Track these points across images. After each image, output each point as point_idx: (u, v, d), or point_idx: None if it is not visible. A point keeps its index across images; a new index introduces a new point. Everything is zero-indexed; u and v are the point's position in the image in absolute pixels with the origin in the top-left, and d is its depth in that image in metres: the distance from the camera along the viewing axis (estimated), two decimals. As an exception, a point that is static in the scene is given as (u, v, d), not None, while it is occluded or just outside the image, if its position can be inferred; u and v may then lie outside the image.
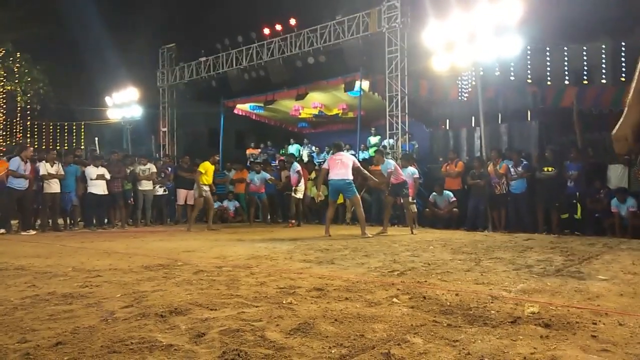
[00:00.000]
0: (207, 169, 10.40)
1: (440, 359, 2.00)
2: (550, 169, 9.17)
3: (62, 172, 10.12)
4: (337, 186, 8.46)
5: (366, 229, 8.41)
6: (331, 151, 9.87)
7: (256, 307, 2.92)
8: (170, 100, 18.62)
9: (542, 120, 11.17)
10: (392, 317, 2.65)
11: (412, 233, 8.90)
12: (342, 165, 8.37)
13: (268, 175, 12.41)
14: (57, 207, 10.22)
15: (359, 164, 8.76)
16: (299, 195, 11.44)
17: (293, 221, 11.42)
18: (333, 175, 8.41)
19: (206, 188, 10.37)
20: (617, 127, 1.57)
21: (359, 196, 8.74)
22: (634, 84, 1.52)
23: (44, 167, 9.81)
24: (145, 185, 11.60)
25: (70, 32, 20.17)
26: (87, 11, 19.73)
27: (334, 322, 2.55)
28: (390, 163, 9.10)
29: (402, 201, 9.44)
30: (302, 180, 11.54)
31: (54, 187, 9.94)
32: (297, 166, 11.67)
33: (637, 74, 1.50)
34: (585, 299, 3.11)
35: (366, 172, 9.01)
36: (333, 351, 2.08)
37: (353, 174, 8.55)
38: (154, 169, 11.80)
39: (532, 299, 3.08)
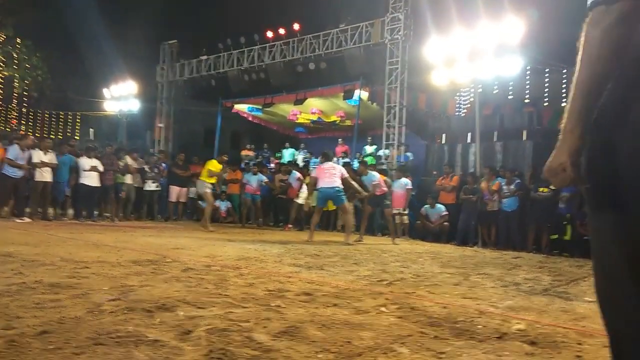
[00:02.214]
0: (215, 167, 10.34)
1: (426, 370, 2.00)
2: (545, 189, 9.24)
3: (56, 161, 10.04)
4: (327, 194, 8.56)
5: (350, 237, 8.56)
6: (319, 160, 9.98)
7: (244, 307, 2.91)
8: (169, 96, 18.60)
9: (537, 141, 11.25)
10: (379, 325, 2.65)
11: (393, 243, 8.96)
12: (330, 174, 8.49)
13: (264, 178, 12.45)
14: (48, 196, 10.12)
15: (347, 175, 8.84)
16: (300, 201, 11.50)
17: (290, 225, 11.45)
18: (323, 184, 8.51)
19: (210, 186, 10.31)
20: (551, 157, 1.35)
21: (347, 204, 8.83)
22: (568, 106, 1.31)
23: (37, 155, 9.74)
24: (129, 179, 11.55)
25: (71, 22, 20.07)
26: (89, 2, 19.67)
27: (321, 327, 2.55)
28: (375, 175, 9.23)
29: (384, 212, 9.51)
30: (304, 187, 11.61)
31: (45, 175, 9.84)
32: (296, 174, 11.82)
33: (571, 94, 1.30)
34: (571, 319, 3.13)
35: (354, 183, 9.05)
36: (320, 356, 2.08)
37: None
38: (135, 165, 11.73)
39: (519, 316, 3.10)
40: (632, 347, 1.21)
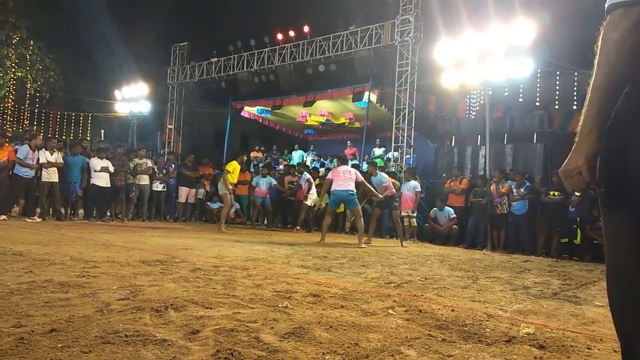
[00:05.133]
0: (235, 168, 10.43)
1: (433, 372, 1.99)
2: (556, 193, 9.17)
3: (62, 161, 10.08)
4: (340, 197, 8.58)
5: (362, 240, 8.54)
6: (335, 162, 10.03)
7: (252, 308, 2.92)
8: (179, 98, 18.74)
9: (547, 144, 11.17)
10: (387, 328, 2.65)
11: (401, 246, 8.94)
12: (345, 178, 8.52)
13: (274, 181, 12.47)
14: (57, 196, 10.16)
15: (362, 178, 8.87)
16: (309, 202, 11.51)
17: (298, 227, 11.47)
18: (337, 186, 8.55)
19: (230, 187, 10.37)
20: (567, 160, 1.34)
21: (360, 208, 8.82)
22: (585, 110, 1.31)
23: (44, 155, 9.79)
24: (142, 180, 11.62)
25: (84, 25, 20.30)
26: (102, 4, 19.87)
27: (328, 328, 2.55)
28: (384, 177, 9.23)
29: (392, 214, 9.51)
30: (313, 188, 11.63)
31: (52, 176, 9.85)
32: (306, 175, 11.85)
33: (588, 97, 1.30)
34: (580, 324, 3.10)
35: (369, 186, 9.06)
36: (327, 357, 2.08)
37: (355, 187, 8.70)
38: (149, 164, 11.80)
39: (527, 320, 3.07)
40: None
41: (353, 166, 11.64)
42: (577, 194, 8.77)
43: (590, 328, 2.99)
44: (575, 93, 13.21)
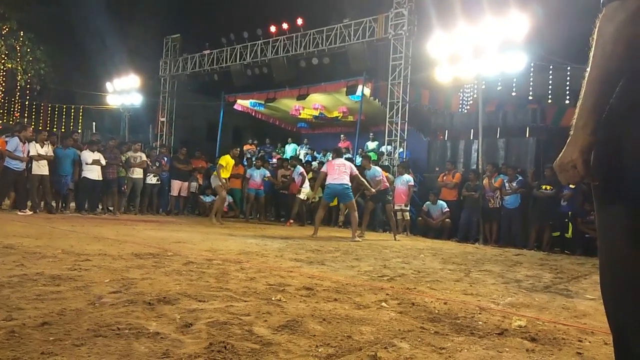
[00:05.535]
0: (227, 162, 10.40)
1: (426, 365, 2.00)
2: (548, 187, 9.21)
3: (52, 154, 9.98)
4: (335, 190, 8.56)
5: (356, 233, 8.52)
6: (328, 155, 10.00)
7: (245, 301, 2.91)
8: (171, 90, 18.61)
9: (540, 138, 11.21)
10: (380, 320, 2.66)
11: (395, 239, 8.96)
12: (340, 172, 8.49)
13: (267, 173, 12.46)
14: (48, 189, 10.05)
15: (357, 172, 8.85)
16: (302, 196, 11.50)
17: (292, 221, 11.46)
18: (332, 180, 8.51)
19: (224, 181, 10.40)
20: (562, 154, 1.33)
21: (354, 201, 8.83)
22: (580, 103, 1.29)
23: (34, 148, 9.69)
24: (136, 173, 11.54)
25: (75, 16, 20.10)
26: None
27: (322, 321, 2.55)
28: (378, 170, 9.25)
29: (385, 207, 9.57)
30: (306, 181, 11.62)
31: (42, 168, 9.74)
32: (300, 168, 11.84)
33: (583, 91, 1.28)
34: (572, 317, 3.12)
35: (363, 180, 9.06)
36: (320, 350, 2.08)
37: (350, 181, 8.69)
38: (144, 157, 11.72)
39: (519, 313, 3.09)
40: None
41: (347, 160, 11.65)
42: (571, 186, 8.81)
43: (582, 321, 3.02)
44: (568, 87, 13.26)
